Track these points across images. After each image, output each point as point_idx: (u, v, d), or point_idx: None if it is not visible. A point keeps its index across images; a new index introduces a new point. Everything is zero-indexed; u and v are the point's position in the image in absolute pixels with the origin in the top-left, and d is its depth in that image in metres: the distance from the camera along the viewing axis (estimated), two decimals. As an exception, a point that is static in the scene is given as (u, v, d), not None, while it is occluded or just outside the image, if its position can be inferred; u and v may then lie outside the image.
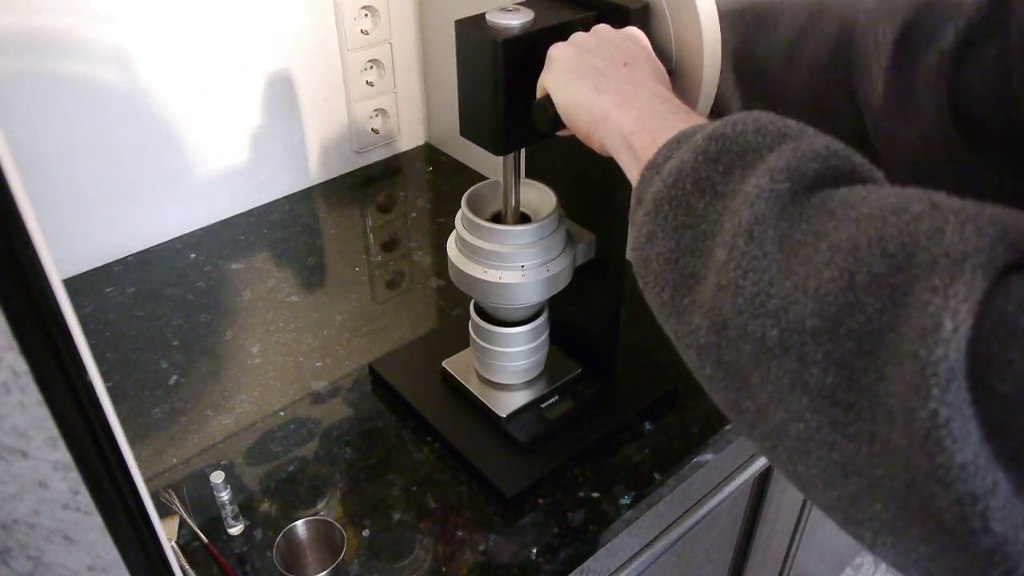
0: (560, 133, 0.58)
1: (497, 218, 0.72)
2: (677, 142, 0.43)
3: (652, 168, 0.44)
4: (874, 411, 0.32)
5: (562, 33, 0.59)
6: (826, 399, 0.33)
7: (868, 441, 0.32)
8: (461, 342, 0.83)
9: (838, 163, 0.37)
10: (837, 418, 0.33)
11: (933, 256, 0.30)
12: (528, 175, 0.74)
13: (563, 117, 0.55)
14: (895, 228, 0.32)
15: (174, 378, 0.87)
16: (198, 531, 0.70)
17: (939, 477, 0.29)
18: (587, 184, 0.73)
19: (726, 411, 0.40)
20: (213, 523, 0.72)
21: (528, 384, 0.81)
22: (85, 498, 0.31)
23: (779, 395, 0.35)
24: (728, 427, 0.81)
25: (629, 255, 0.46)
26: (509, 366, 0.78)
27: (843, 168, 0.38)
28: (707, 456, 0.81)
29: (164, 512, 0.71)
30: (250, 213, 1.13)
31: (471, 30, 0.60)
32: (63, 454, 0.29)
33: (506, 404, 0.78)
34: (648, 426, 0.81)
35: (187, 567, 0.68)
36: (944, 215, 0.31)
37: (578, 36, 0.57)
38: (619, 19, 0.60)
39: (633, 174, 0.47)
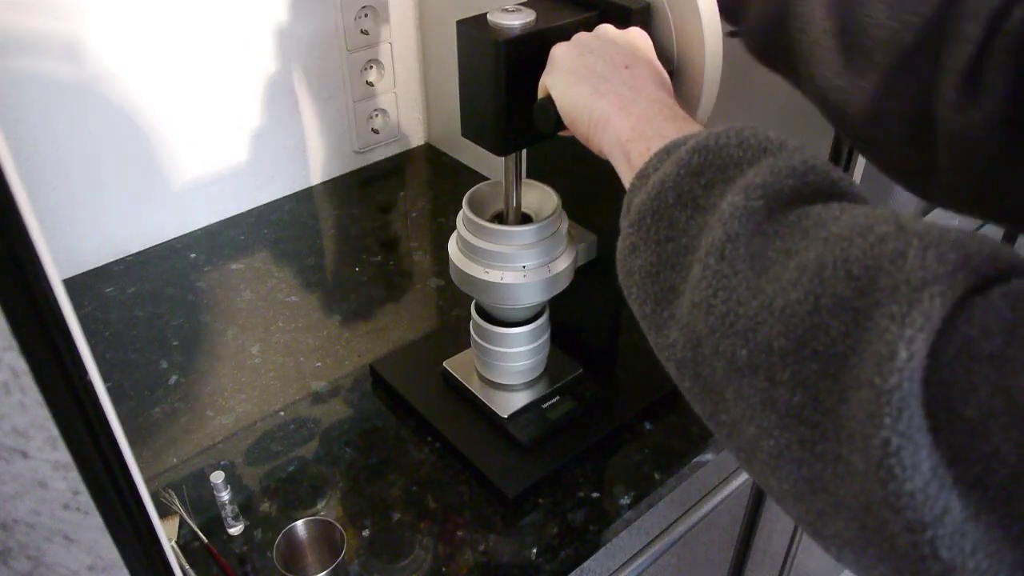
0: (561, 134, 0.58)
1: (498, 218, 0.72)
2: (667, 152, 0.43)
3: (641, 178, 0.44)
4: (838, 432, 0.32)
5: (563, 33, 0.59)
6: (793, 418, 0.33)
7: (833, 461, 0.32)
8: (462, 342, 0.83)
9: (816, 179, 0.37)
10: (804, 436, 0.33)
11: (894, 281, 0.30)
12: (529, 175, 0.74)
13: (564, 118, 0.55)
14: (860, 250, 0.32)
15: (174, 378, 0.87)
16: (198, 531, 0.70)
17: (890, 503, 0.29)
18: (588, 184, 0.73)
19: (705, 421, 0.40)
20: (213, 523, 0.72)
21: (529, 384, 0.80)
22: (85, 498, 0.31)
23: (750, 412, 0.35)
24: (728, 427, 0.81)
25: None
26: (510, 366, 0.78)
27: (821, 184, 0.38)
28: (707, 456, 0.81)
29: (164, 512, 0.71)
30: (250, 213, 1.13)
31: (472, 30, 0.60)
32: (63, 454, 0.29)
33: (507, 404, 0.78)
34: (648, 426, 0.81)
35: (187, 567, 0.68)
36: (908, 239, 0.31)
37: (580, 36, 0.57)
38: (621, 19, 0.60)
39: (627, 181, 0.47)
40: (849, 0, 0.53)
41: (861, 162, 0.80)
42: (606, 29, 0.58)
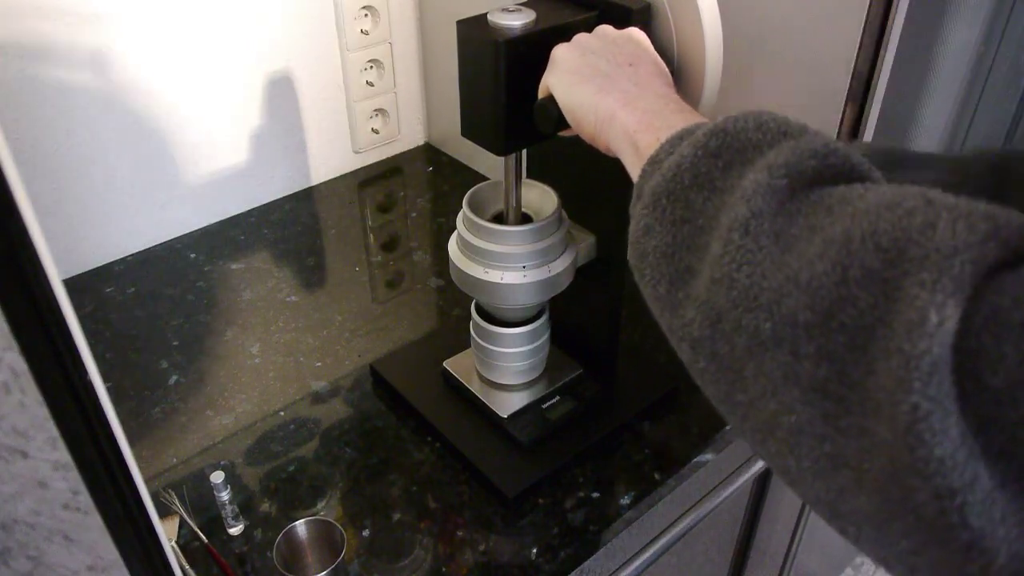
0: (562, 134, 0.58)
1: (499, 218, 0.72)
2: (679, 138, 0.43)
3: (653, 163, 0.44)
4: (864, 405, 0.32)
5: (564, 34, 0.59)
6: (817, 392, 0.33)
7: (857, 435, 0.32)
8: (462, 342, 0.83)
9: (836, 161, 0.38)
10: (828, 411, 0.33)
11: (924, 251, 0.30)
12: (530, 175, 0.74)
13: (568, 118, 0.55)
14: (888, 223, 0.32)
15: (174, 378, 0.87)
16: (198, 531, 0.70)
17: (919, 470, 0.29)
18: (589, 185, 0.73)
19: (717, 404, 0.40)
20: (213, 523, 0.72)
21: (529, 384, 0.80)
22: (85, 498, 0.31)
23: (772, 387, 0.35)
24: (728, 427, 0.81)
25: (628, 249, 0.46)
26: (510, 366, 0.78)
27: (841, 167, 0.38)
28: (707, 456, 0.81)
29: (164, 512, 0.71)
30: (250, 213, 1.13)
31: (472, 30, 0.60)
32: (63, 454, 0.29)
33: (507, 404, 0.78)
34: (648, 426, 0.81)
35: (187, 567, 0.68)
36: (937, 211, 0.31)
37: (581, 37, 0.57)
38: (620, 19, 0.60)
39: (636, 171, 0.47)
40: None
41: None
42: (606, 29, 0.58)
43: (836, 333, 0.32)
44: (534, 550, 0.70)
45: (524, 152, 0.70)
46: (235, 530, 0.71)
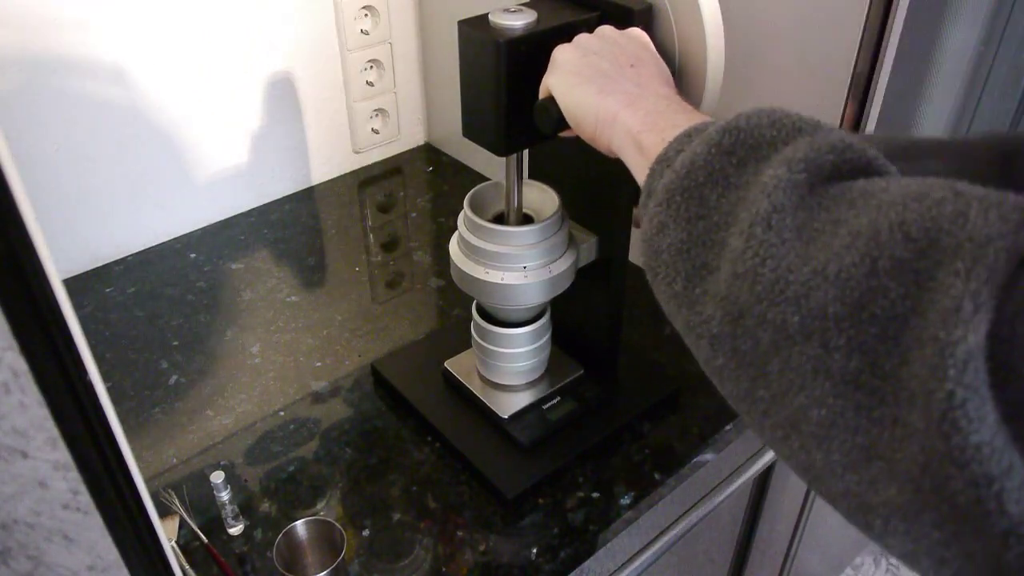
0: (563, 134, 0.58)
1: (500, 219, 0.72)
2: (688, 136, 0.43)
3: (663, 161, 0.44)
4: (897, 395, 0.31)
5: (565, 34, 0.59)
6: (849, 384, 0.33)
7: (891, 425, 0.32)
8: (463, 342, 0.83)
9: (854, 156, 0.38)
10: (861, 402, 0.33)
11: (957, 240, 0.30)
12: (531, 176, 0.74)
13: (569, 119, 0.55)
14: (917, 213, 0.32)
15: (174, 378, 0.87)
16: (198, 531, 0.70)
17: (954, 458, 0.29)
18: (590, 185, 0.73)
19: (736, 402, 0.40)
20: (213, 523, 0.72)
21: (530, 385, 0.80)
22: (85, 498, 0.31)
23: (800, 381, 0.35)
24: (728, 427, 0.81)
25: (639, 249, 0.45)
26: (511, 367, 0.78)
27: (859, 161, 0.38)
28: (707, 456, 0.81)
29: (164, 512, 0.71)
30: (250, 213, 1.13)
31: (473, 31, 0.60)
32: (63, 454, 0.29)
33: (508, 405, 0.78)
34: (648, 426, 0.81)
35: (187, 567, 0.68)
36: (967, 201, 0.31)
37: (582, 38, 0.57)
38: (622, 20, 0.60)
39: (641, 173, 0.47)
40: None
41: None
42: (607, 30, 0.58)
43: (867, 324, 0.32)
44: (534, 550, 0.70)
45: (525, 152, 0.70)
46: (235, 530, 0.71)
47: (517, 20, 0.59)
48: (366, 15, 1.12)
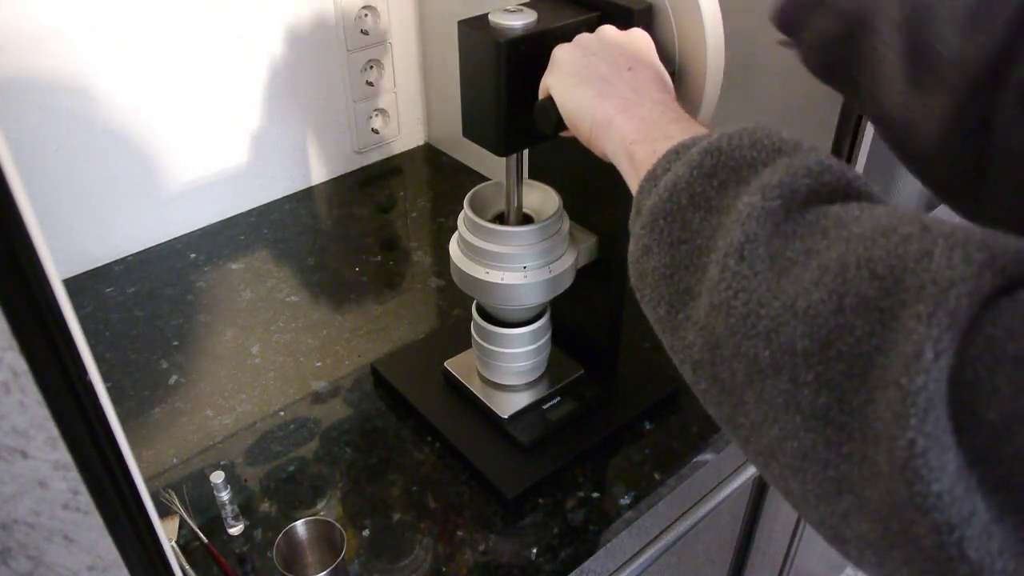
0: (563, 134, 0.58)
1: (500, 219, 0.72)
2: (676, 154, 0.43)
3: (650, 179, 0.44)
4: (864, 433, 0.32)
5: (565, 34, 0.59)
6: (819, 419, 0.33)
7: (859, 462, 0.32)
8: (463, 343, 0.83)
9: (831, 178, 0.37)
10: (830, 437, 0.33)
11: (920, 281, 0.30)
12: (531, 176, 0.74)
13: (566, 121, 0.55)
14: (883, 250, 0.32)
15: (174, 378, 0.87)
16: (198, 531, 0.70)
17: (917, 505, 0.29)
18: (590, 185, 0.73)
19: (721, 425, 0.40)
20: (213, 523, 0.72)
21: (530, 385, 0.80)
22: (85, 498, 0.31)
23: (773, 414, 0.35)
24: (729, 428, 0.81)
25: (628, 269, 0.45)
26: (511, 367, 0.78)
27: (836, 184, 0.37)
28: (707, 456, 0.81)
29: (164, 512, 0.71)
30: (250, 213, 1.13)
31: (473, 31, 0.60)
32: (63, 454, 0.29)
33: (508, 405, 0.78)
34: (648, 426, 0.81)
35: (187, 567, 0.68)
36: (933, 239, 0.31)
37: (582, 38, 0.57)
38: (622, 20, 0.60)
39: (633, 184, 0.47)
40: (920, 21, 0.52)
41: (862, 160, 0.80)
42: (608, 31, 0.58)
43: (834, 361, 0.32)
44: (534, 550, 0.70)
45: (525, 152, 0.70)
46: (235, 530, 0.71)
47: (517, 20, 0.59)
48: (366, 15, 1.12)
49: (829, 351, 0.32)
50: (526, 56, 0.59)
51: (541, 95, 0.59)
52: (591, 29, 0.59)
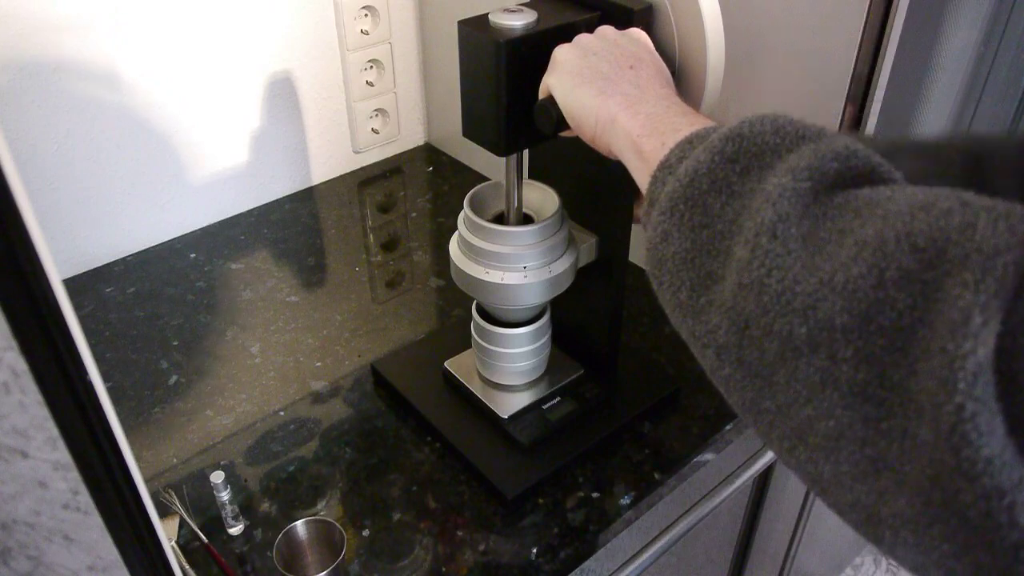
0: (565, 134, 0.58)
1: (499, 219, 0.72)
2: (690, 143, 0.43)
3: (665, 168, 0.43)
4: (905, 407, 0.31)
5: (565, 34, 0.59)
6: (857, 395, 0.33)
7: (899, 437, 0.32)
8: (463, 342, 0.83)
9: (858, 163, 0.37)
10: (869, 414, 0.33)
11: (965, 251, 0.30)
12: (531, 176, 0.74)
13: (568, 120, 0.55)
14: (924, 224, 0.32)
15: (174, 378, 0.87)
16: (198, 531, 0.70)
17: (964, 472, 0.29)
18: (590, 185, 0.73)
19: (743, 411, 0.39)
20: (213, 523, 0.72)
21: (530, 385, 0.80)
22: (85, 498, 0.31)
23: (807, 393, 0.35)
24: (728, 427, 0.81)
25: (643, 257, 0.45)
26: (511, 367, 0.78)
27: (863, 169, 0.37)
28: (707, 456, 0.81)
29: (164, 512, 0.71)
30: (250, 213, 1.13)
31: (473, 31, 0.60)
32: (63, 454, 0.29)
33: (508, 405, 0.78)
34: (648, 426, 0.81)
35: (187, 567, 0.68)
36: (975, 211, 0.31)
37: (582, 38, 0.57)
38: (622, 20, 0.60)
39: (642, 177, 0.47)
40: None
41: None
42: (607, 30, 0.58)
43: (875, 336, 0.32)
44: (534, 550, 0.70)
45: (525, 152, 0.70)
46: (235, 530, 0.71)
47: (517, 20, 0.59)
48: (366, 15, 1.12)
49: (869, 325, 0.32)
50: (526, 56, 0.59)
51: (541, 95, 0.59)
52: (591, 29, 0.59)
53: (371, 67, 1.17)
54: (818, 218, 0.36)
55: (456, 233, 0.72)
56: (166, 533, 0.69)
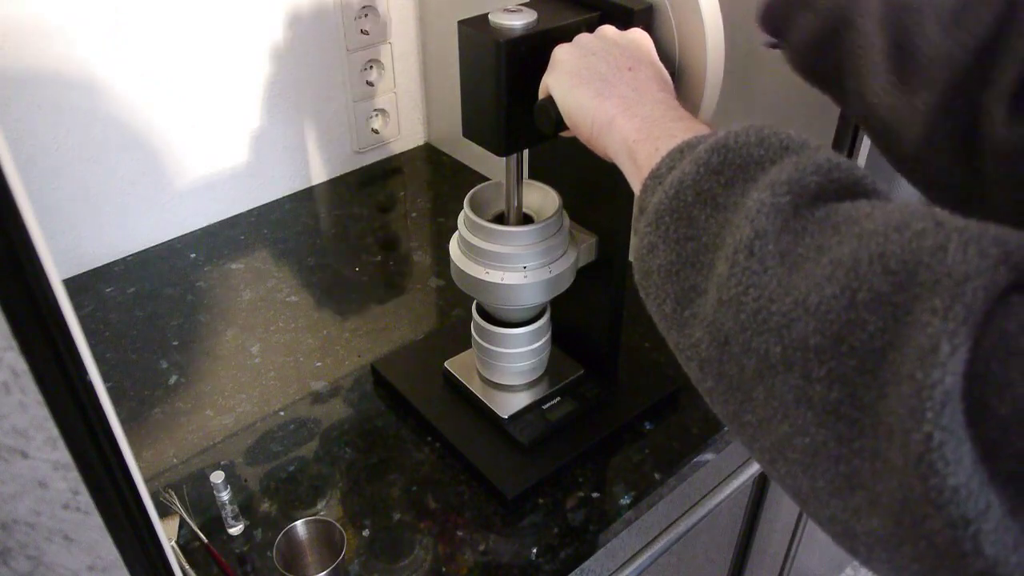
0: (563, 134, 0.58)
1: (500, 219, 0.72)
2: (680, 152, 0.43)
3: (655, 178, 0.44)
4: (876, 428, 0.31)
5: (565, 34, 0.59)
6: (831, 414, 0.33)
7: (871, 457, 0.32)
8: (463, 342, 0.83)
9: (840, 176, 0.37)
10: (843, 433, 0.33)
11: (935, 276, 0.30)
12: (531, 176, 0.74)
13: (566, 121, 0.55)
14: (897, 245, 0.32)
15: (174, 378, 0.87)
16: (198, 531, 0.70)
17: (932, 499, 0.29)
18: (590, 185, 0.73)
19: (727, 422, 0.40)
20: (213, 523, 0.72)
21: (530, 385, 0.80)
22: (85, 498, 0.31)
23: (784, 409, 0.35)
24: (728, 427, 0.81)
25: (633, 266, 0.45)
26: (511, 367, 0.78)
27: (845, 181, 0.37)
28: (707, 456, 0.81)
29: (164, 512, 0.71)
30: (250, 213, 1.13)
31: (473, 31, 0.60)
32: (63, 454, 0.29)
33: (508, 405, 0.78)
34: (648, 426, 0.81)
35: (187, 567, 0.68)
36: (947, 234, 0.31)
37: (582, 38, 0.57)
38: (622, 20, 0.60)
39: (636, 183, 0.47)
40: (903, 19, 0.52)
41: (862, 160, 0.80)
42: (607, 30, 0.58)
43: (846, 356, 0.32)
44: (534, 550, 0.70)
45: (525, 152, 0.70)
46: (235, 530, 0.71)
47: (517, 20, 0.59)
48: (366, 15, 1.12)
49: (841, 346, 0.32)
50: (526, 56, 0.59)
51: (541, 95, 0.59)
52: (591, 29, 0.59)
53: (371, 67, 1.17)
54: (798, 233, 0.36)
55: (456, 233, 0.72)
56: (166, 533, 0.69)
